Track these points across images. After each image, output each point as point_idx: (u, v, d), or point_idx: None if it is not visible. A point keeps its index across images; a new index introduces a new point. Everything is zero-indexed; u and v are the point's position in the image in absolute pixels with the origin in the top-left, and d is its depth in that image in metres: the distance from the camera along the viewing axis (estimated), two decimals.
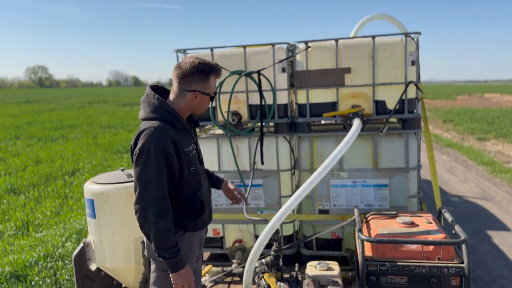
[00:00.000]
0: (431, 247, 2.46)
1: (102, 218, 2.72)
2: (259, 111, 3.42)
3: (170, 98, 2.08)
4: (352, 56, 3.31)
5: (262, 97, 3.40)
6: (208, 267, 3.46)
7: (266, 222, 2.86)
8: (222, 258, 3.84)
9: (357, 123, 3.17)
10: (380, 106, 3.35)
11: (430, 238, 2.52)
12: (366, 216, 3.04)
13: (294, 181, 3.79)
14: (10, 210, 6.48)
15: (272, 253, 3.08)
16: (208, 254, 4.18)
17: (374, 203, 3.43)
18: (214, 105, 3.51)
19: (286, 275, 3.13)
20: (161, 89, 2.14)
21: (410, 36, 3.25)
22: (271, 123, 3.55)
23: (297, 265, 3.26)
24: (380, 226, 2.72)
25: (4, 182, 8.15)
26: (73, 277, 2.96)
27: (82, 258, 2.90)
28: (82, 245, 2.90)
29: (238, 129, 3.50)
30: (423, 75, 3.83)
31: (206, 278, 3.37)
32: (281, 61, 3.41)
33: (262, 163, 3.42)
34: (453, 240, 2.44)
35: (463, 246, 2.40)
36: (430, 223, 2.72)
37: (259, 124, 3.43)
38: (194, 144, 2.15)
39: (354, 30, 4.87)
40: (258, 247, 2.76)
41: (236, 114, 3.50)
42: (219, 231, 3.76)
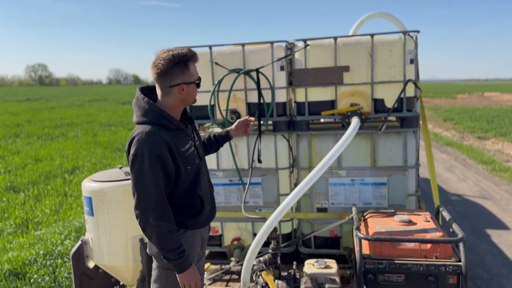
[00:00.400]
0: (429, 246, 2.46)
1: (100, 216, 2.72)
2: (258, 109, 3.41)
3: (159, 98, 2.05)
4: (350, 54, 3.30)
5: (260, 95, 3.40)
6: (206, 265, 3.47)
7: (264, 220, 2.87)
8: (221, 256, 3.84)
9: (355, 122, 3.17)
10: (378, 104, 3.35)
11: (428, 236, 2.52)
12: (364, 214, 3.04)
13: (293, 179, 3.79)
14: (10, 208, 6.49)
15: (270, 251, 3.08)
16: (206, 252, 4.18)
17: (373, 202, 3.43)
18: (212, 103, 3.51)
19: (284, 273, 3.13)
20: (152, 89, 2.12)
21: (409, 34, 3.25)
22: (270, 121, 3.55)
23: (295, 263, 3.26)
24: (377, 224, 2.72)
25: (3, 180, 8.16)
26: (71, 275, 2.96)
27: (80, 256, 2.90)
28: (80, 242, 2.90)
29: None
30: (424, 74, 3.83)
31: (205, 276, 3.38)
32: (279, 59, 3.41)
33: (259, 162, 3.42)
34: (450, 238, 2.44)
35: (461, 244, 2.40)
36: (428, 222, 2.71)
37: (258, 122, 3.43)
38: (192, 141, 2.14)
39: (353, 28, 4.87)
40: (256, 245, 2.76)
41: (234, 112, 3.50)
42: (218, 229, 3.76)
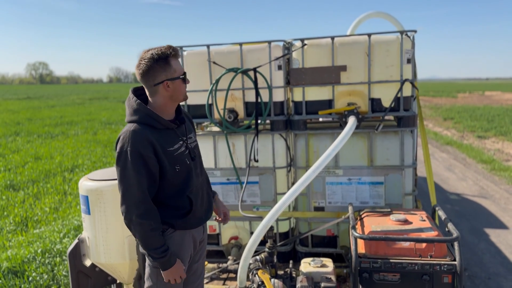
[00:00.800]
0: (424, 245, 2.47)
1: (97, 214, 2.73)
2: (255, 109, 3.42)
3: (149, 99, 2.06)
4: (348, 54, 3.31)
5: (258, 94, 3.41)
6: None
7: (261, 219, 2.88)
8: (218, 255, 3.85)
9: (352, 121, 3.17)
10: (375, 104, 3.35)
11: (423, 235, 2.53)
12: (360, 213, 3.05)
13: (290, 178, 3.80)
14: (9, 206, 6.51)
15: (266, 250, 3.09)
16: None
17: (369, 201, 3.44)
18: (210, 102, 3.51)
19: (280, 272, 3.14)
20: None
21: (406, 34, 3.25)
22: (267, 121, 3.56)
23: (291, 262, 3.27)
24: (373, 224, 2.73)
25: (3, 178, 8.18)
26: (69, 273, 2.97)
27: (77, 254, 2.90)
28: (77, 241, 2.91)
29: (234, 126, 3.51)
30: (424, 73, 3.83)
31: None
32: (277, 58, 3.41)
33: (256, 161, 3.43)
34: (445, 237, 2.45)
35: (456, 244, 2.41)
36: (424, 221, 2.72)
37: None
38: (183, 141, 2.12)
39: (351, 28, 4.86)
40: (252, 244, 2.78)
41: (232, 111, 3.51)
42: (215, 228, 3.77)
